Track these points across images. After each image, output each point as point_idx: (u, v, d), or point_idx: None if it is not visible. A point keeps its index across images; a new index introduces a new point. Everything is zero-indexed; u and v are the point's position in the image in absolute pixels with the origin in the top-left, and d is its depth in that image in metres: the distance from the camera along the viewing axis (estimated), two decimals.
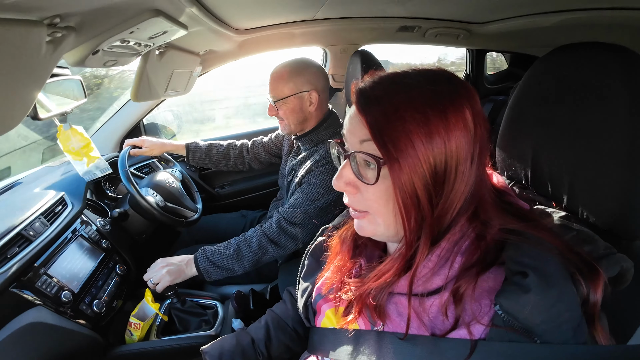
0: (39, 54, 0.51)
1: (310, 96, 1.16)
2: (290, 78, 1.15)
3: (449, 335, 0.44)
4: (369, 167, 0.47)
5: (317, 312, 0.65)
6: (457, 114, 0.43)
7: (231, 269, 1.12)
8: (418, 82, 0.45)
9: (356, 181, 0.49)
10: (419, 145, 0.42)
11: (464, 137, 0.44)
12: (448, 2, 1.30)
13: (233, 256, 1.12)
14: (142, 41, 0.80)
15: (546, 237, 0.44)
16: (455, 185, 0.45)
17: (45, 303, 0.87)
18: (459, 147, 0.44)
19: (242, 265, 1.13)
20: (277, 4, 1.10)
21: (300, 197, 1.15)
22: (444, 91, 0.44)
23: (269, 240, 1.14)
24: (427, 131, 0.42)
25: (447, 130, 0.43)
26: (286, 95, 1.15)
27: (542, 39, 1.77)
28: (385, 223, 0.49)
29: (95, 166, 1.11)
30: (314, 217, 1.13)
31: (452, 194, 0.45)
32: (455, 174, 0.44)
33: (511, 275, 0.42)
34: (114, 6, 0.60)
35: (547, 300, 0.39)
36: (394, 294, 0.51)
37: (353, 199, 0.51)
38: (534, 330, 0.39)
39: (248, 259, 1.12)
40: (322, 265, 0.68)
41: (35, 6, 0.44)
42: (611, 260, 0.45)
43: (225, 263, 1.12)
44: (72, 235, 1.07)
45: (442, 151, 0.43)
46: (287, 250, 1.16)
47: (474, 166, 0.46)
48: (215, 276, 1.12)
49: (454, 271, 0.46)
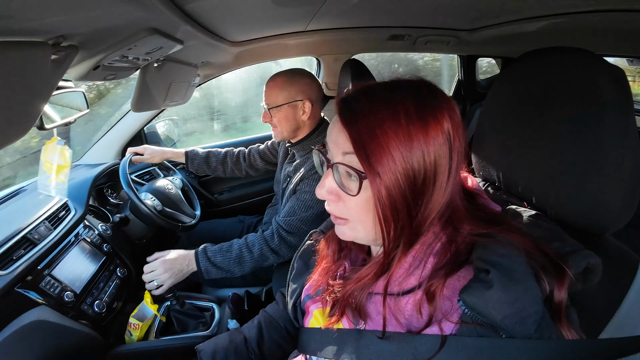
0: (45, 71, 0.56)
1: (303, 105, 1.20)
2: (284, 87, 1.19)
3: (423, 332, 0.46)
4: (351, 179, 0.49)
5: (305, 312, 0.67)
6: (437, 127, 0.45)
7: (231, 271, 1.17)
8: (402, 97, 0.46)
9: (338, 190, 0.51)
10: (399, 158, 0.44)
11: (442, 149, 0.45)
12: (436, 10, 1.33)
13: (234, 260, 1.16)
14: (140, 56, 0.85)
15: (512, 236, 0.46)
16: (433, 195, 0.47)
17: (49, 303, 0.92)
18: (437, 158, 0.45)
19: (242, 269, 1.17)
20: (268, 17, 1.13)
21: (296, 205, 1.19)
22: (426, 104, 0.46)
23: (270, 250, 1.18)
24: (408, 145, 0.44)
25: (426, 142, 0.44)
26: (280, 104, 1.20)
27: (529, 44, 1.80)
28: (365, 230, 0.52)
29: (57, 186, 1.13)
30: (311, 224, 1.16)
31: (430, 204, 0.47)
32: (433, 185, 0.46)
33: (477, 273, 0.44)
34: (113, 26, 0.65)
35: (509, 295, 0.40)
36: (373, 294, 0.54)
37: (335, 207, 0.53)
38: (498, 325, 0.40)
39: (248, 265, 1.17)
40: (311, 267, 0.71)
41: (41, 29, 0.49)
42: (578, 256, 0.45)
43: (226, 265, 1.16)
44: (74, 239, 1.11)
45: (421, 163, 0.45)
46: (286, 258, 1.20)
47: (452, 177, 0.47)
48: (214, 276, 1.16)
49: (427, 271, 0.49)
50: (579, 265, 0.45)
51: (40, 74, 0.54)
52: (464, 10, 1.35)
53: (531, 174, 0.59)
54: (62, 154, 1.13)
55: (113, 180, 1.57)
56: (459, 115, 0.49)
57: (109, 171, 1.51)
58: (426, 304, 0.47)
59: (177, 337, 1.11)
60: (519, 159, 0.61)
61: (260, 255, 1.17)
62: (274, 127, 1.26)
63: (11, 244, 0.90)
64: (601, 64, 0.50)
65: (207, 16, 0.90)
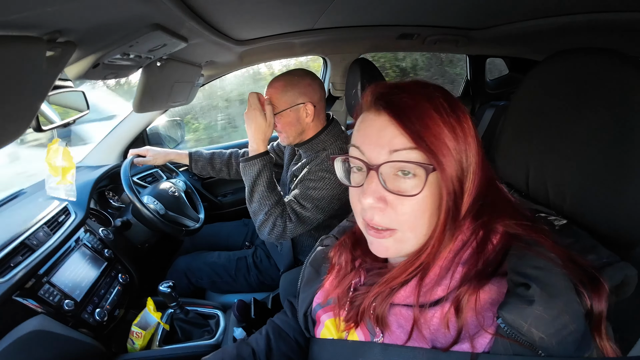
0: (40, 68, 0.52)
1: (305, 108, 1.17)
2: (284, 92, 1.16)
3: (451, 348, 0.43)
4: (407, 177, 0.46)
5: (316, 322, 0.64)
6: (467, 122, 0.47)
7: (246, 189, 1.14)
8: (434, 93, 0.47)
9: (387, 195, 0.47)
10: (451, 147, 0.45)
11: (473, 141, 0.47)
12: (447, 9, 1.30)
13: (261, 191, 1.11)
14: (142, 54, 0.82)
15: (547, 245, 0.43)
16: (468, 186, 0.47)
17: (48, 311, 0.89)
18: (470, 150, 0.47)
19: (251, 199, 1.14)
20: (275, 15, 1.11)
21: (298, 191, 1.16)
22: (454, 102, 0.48)
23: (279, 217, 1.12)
24: (453, 134, 0.45)
25: (464, 135, 0.46)
26: (281, 109, 1.16)
27: (542, 43, 1.76)
28: (417, 237, 0.48)
29: (64, 188, 1.12)
30: (311, 213, 1.12)
31: (465, 195, 0.47)
32: (471, 175, 0.47)
33: (514, 287, 0.42)
34: (113, 22, 0.61)
35: (551, 312, 0.38)
36: (394, 305, 0.51)
37: (382, 217, 0.47)
38: (538, 344, 0.38)
39: (255, 203, 1.13)
40: (322, 275, 0.68)
41: (34, 23, 0.46)
42: (615, 268, 0.43)
43: (249, 180, 1.13)
44: (75, 244, 1.08)
45: (462, 152, 0.46)
46: (288, 234, 1.13)
47: (480, 169, 0.48)
48: (242, 174, 1.15)
49: (455, 281, 0.46)
50: (616, 277, 0.43)
51: (34, 72, 0.50)
52: (474, 8, 1.32)
53: (562, 181, 0.55)
54: (65, 154, 1.11)
55: (115, 182, 1.54)
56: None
57: (110, 173, 1.48)
58: (454, 318, 0.44)
59: (181, 346, 1.08)
60: (549, 165, 0.57)
61: (267, 212, 1.11)
62: (280, 132, 1.23)
63: (8, 250, 0.88)
64: (638, 66, 0.47)
65: (213, 13, 0.87)
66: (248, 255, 1.45)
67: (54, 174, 1.12)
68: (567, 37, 1.50)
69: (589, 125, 0.50)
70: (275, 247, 1.40)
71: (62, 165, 1.11)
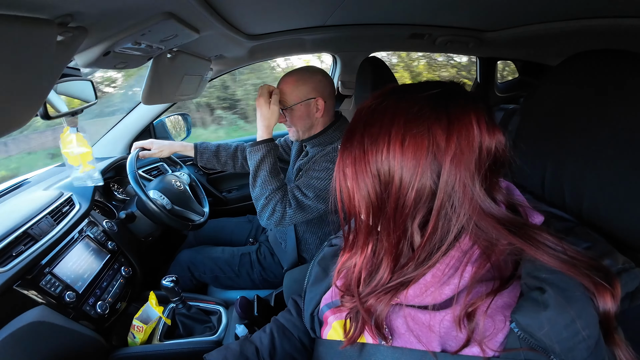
0: (50, 53, 0.51)
1: (316, 103, 1.18)
2: (296, 87, 1.17)
3: (461, 352, 0.43)
4: None
5: (323, 322, 0.64)
6: (424, 139, 0.43)
7: (250, 172, 1.16)
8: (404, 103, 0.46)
9: None
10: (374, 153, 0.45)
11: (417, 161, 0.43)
12: (459, 9, 1.29)
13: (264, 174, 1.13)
14: (154, 44, 0.81)
15: (541, 257, 0.42)
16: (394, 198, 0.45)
17: (49, 302, 0.87)
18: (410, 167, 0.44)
19: (254, 183, 1.15)
20: (288, 10, 1.10)
21: (301, 180, 1.16)
22: (414, 119, 0.44)
23: (279, 203, 1.13)
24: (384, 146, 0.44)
25: (397, 151, 0.44)
26: (293, 103, 1.17)
27: (554, 47, 1.75)
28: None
29: (88, 175, 1.12)
30: (312, 202, 1.12)
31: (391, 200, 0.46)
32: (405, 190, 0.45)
33: (528, 291, 0.41)
34: (126, 7, 0.60)
35: (565, 317, 0.37)
36: (401, 306, 0.50)
37: None
38: (551, 349, 0.38)
39: (257, 188, 1.14)
40: (330, 275, 0.66)
41: (46, 4, 0.44)
42: (631, 274, 0.42)
43: (253, 164, 1.14)
44: (78, 235, 1.07)
45: (389, 165, 0.44)
46: (286, 222, 1.14)
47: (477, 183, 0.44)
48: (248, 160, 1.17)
49: (465, 281, 0.45)
50: (632, 284, 0.42)
51: (44, 56, 0.49)
52: (488, 9, 1.30)
53: (580, 184, 0.54)
54: (79, 141, 1.10)
55: (120, 174, 1.54)
56: (492, 119, 0.46)
57: (115, 165, 1.47)
58: (466, 321, 0.43)
59: (182, 342, 1.07)
60: (567, 167, 0.56)
61: (267, 197, 1.12)
62: (289, 127, 1.24)
63: (11, 240, 0.86)
64: None
65: (226, 4, 0.86)
66: (252, 252, 1.44)
67: (74, 164, 1.11)
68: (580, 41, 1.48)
69: (610, 128, 0.49)
70: (280, 245, 1.39)
71: (80, 152, 1.10)
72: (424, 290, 0.47)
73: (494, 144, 0.45)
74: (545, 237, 0.44)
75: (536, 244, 0.42)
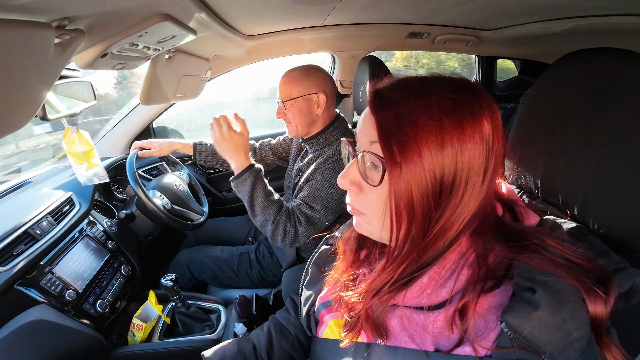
0: (48, 55, 0.51)
1: (318, 98, 1.17)
2: (299, 81, 1.17)
3: (453, 351, 0.43)
4: (375, 169, 0.46)
5: (319, 322, 0.64)
6: (475, 126, 0.41)
7: (246, 203, 1.12)
8: (438, 89, 0.42)
9: (360, 181, 0.48)
10: (427, 153, 0.41)
11: (478, 150, 0.42)
12: (457, 8, 1.29)
13: (260, 202, 1.09)
14: (151, 45, 0.81)
15: (540, 263, 0.42)
16: (464, 198, 0.43)
17: (49, 301, 0.88)
18: (471, 160, 0.42)
19: (253, 214, 1.11)
20: (286, 10, 1.10)
21: (305, 193, 1.15)
22: (464, 101, 0.42)
23: (287, 221, 1.10)
24: (439, 140, 0.41)
25: (461, 141, 0.41)
26: (295, 97, 1.17)
27: (553, 45, 1.74)
28: (382, 226, 0.48)
29: (94, 173, 1.13)
30: (321, 214, 1.11)
31: (459, 207, 0.43)
32: (465, 187, 0.43)
33: (519, 291, 0.41)
34: (123, 10, 0.60)
35: (557, 318, 0.37)
36: (397, 307, 0.50)
37: (355, 199, 0.50)
38: (542, 349, 0.38)
39: (259, 218, 1.10)
40: (326, 274, 0.66)
41: (44, 8, 0.45)
42: (624, 274, 0.42)
43: (245, 195, 1.11)
44: (78, 235, 1.08)
45: (452, 162, 0.41)
46: (300, 241, 1.11)
47: (486, 182, 0.44)
48: (237, 190, 1.13)
49: (460, 284, 0.45)
50: (625, 284, 0.42)
51: (42, 59, 0.50)
52: (486, 8, 1.30)
53: (574, 183, 0.54)
54: (80, 139, 1.11)
55: (119, 174, 1.54)
56: (500, 118, 0.45)
57: (115, 165, 1.48)
58: (458, 321, 0.43)
59: (182, 340, 1.08)
60: (561, 167, 0.56)
61: (274, 221, 1.08)
62: (288, 122, 1.23)
63: (12, 239, 0.87)
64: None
65: (223, 5, 0.86)
66: (251, 251, 1.44)
67: (79, 163, 1.12)
68: (579, 40, 1.48)
69: (605, 127, 0.49)
70: None
71: (83, 150, 1.11)
72: (420, 292, 0.47)
73: (498, 143, 0.45)
74: (543, 241, 0.44)
75: (532, 249, 0.42)
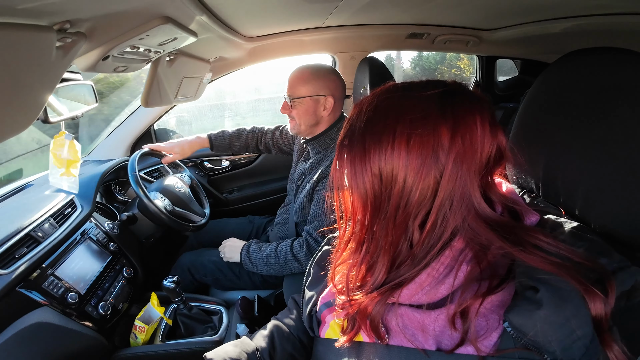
0: (49, 58, 0.52)
1: (326, 101, 1.17)
2: (310, 80, 1.16)
3: (456, 351, 0.43)
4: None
5: (321, 322, 0.64)
6: (419, 138, 0.44)
7: (259, 269, 1.26)
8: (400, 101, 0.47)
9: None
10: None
11: (416, 161, 0.44)
12: (457, 8, 1.29)
13: (264, 260, 1.24)
14: (152, 47, 0.81)
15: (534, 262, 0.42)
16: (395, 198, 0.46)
17: (52, 304, 0.88)
18: (412, 168, 0.44)
19: (269, 270, 1.25)
20: (286, 12, 1.10)
21: (319, 209, 1.16)
22: (420, 118, 0.44)
23: (294, 258, 1.19)
24: (383, 145, 0.45)
25: (397, 149, 0.44)
26: (303, 96, 1.17)
27: (553, 45, 1.74)
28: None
29: (67, 181, 1.14)
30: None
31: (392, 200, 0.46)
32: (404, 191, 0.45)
33: (522, 290, 0.41)
34: (124, 13, 0.61)
35: (559, 316, 0.37)
36: (397, 306, 0.50)
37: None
38: (545, 348, 0.38)
39: (274, 267, 1.23)
40: (327, 274, 0.67)
41: (45, 12, 0.45)
42: (626, 273, 0.42)
43: (257, 262, 1.25)
44: (80, 237, 1.08)
45: (392, 165, 0.45)
46: (306, 256, 1.19)
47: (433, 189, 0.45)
48: (250, 268, 1.28)
49: (459, 280, 0.45)
50: (627, 283, 0.42)
51: (44, 62, 0.50)
52: (486, 9, 1.30)
53: (575, 182, 0.54)
54: (71, 148, 1.11)
55: (121, 177, 1.55)
56: (494, 120, 0.46)
57: (117, 167, 1.48)
58: (460, 320, 0.43)
59: (184, 342, 1.07)
60: (562, 166, 0.56)
61: (285, 261, 1.20)
62: (292, 119, 1.23)
63: (14, 242, 0.87)
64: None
65: (223, 8, 0.86)
66: None
67: (58, 166, 1.12)
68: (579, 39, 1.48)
69: (605, 126, 0.49)
70: None
71: (67, 158, 1.11)
72: (419, 290, 0.47)
73: (495, 144, 0.45)
74: (539, 239, 0.44)
75: (528, 248, 0.42)
